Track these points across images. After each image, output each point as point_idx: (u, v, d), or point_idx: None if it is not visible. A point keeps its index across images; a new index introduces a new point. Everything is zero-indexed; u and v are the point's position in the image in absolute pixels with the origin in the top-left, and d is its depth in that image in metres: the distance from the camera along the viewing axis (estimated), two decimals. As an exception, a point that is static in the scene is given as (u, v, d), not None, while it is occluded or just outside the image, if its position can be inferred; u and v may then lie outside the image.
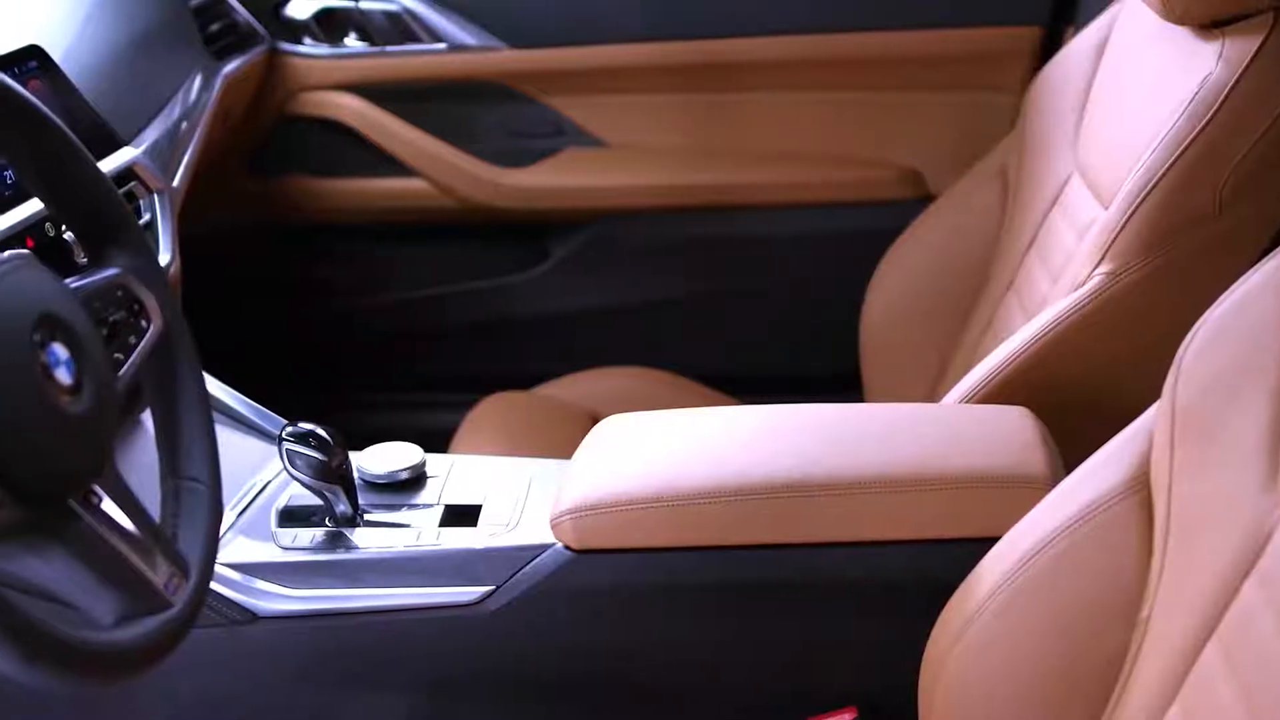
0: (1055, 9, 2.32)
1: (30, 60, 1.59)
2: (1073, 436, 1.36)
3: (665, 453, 1.43)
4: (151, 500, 1.08)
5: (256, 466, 1.60)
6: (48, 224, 1.44)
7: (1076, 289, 1.51)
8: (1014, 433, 1.41)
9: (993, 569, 1.17)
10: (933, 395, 1.98)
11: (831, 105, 2.46)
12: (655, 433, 1.47)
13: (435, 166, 2.49)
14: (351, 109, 2.49)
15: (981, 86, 2.39)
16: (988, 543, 1.21)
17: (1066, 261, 1.65)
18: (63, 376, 0.96)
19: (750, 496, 1.35)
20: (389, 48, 2.47)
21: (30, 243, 1.41)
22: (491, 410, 2.16)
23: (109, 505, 1.00)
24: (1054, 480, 1.29)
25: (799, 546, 1.37)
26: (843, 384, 2.22)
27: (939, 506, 1.35)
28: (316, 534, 1.46)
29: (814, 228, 2.48)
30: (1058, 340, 1.50)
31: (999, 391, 1.52)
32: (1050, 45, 2.29)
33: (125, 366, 1.08)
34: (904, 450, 1.39)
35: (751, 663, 1.44)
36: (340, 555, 1.44)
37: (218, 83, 2.21)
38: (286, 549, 1.45)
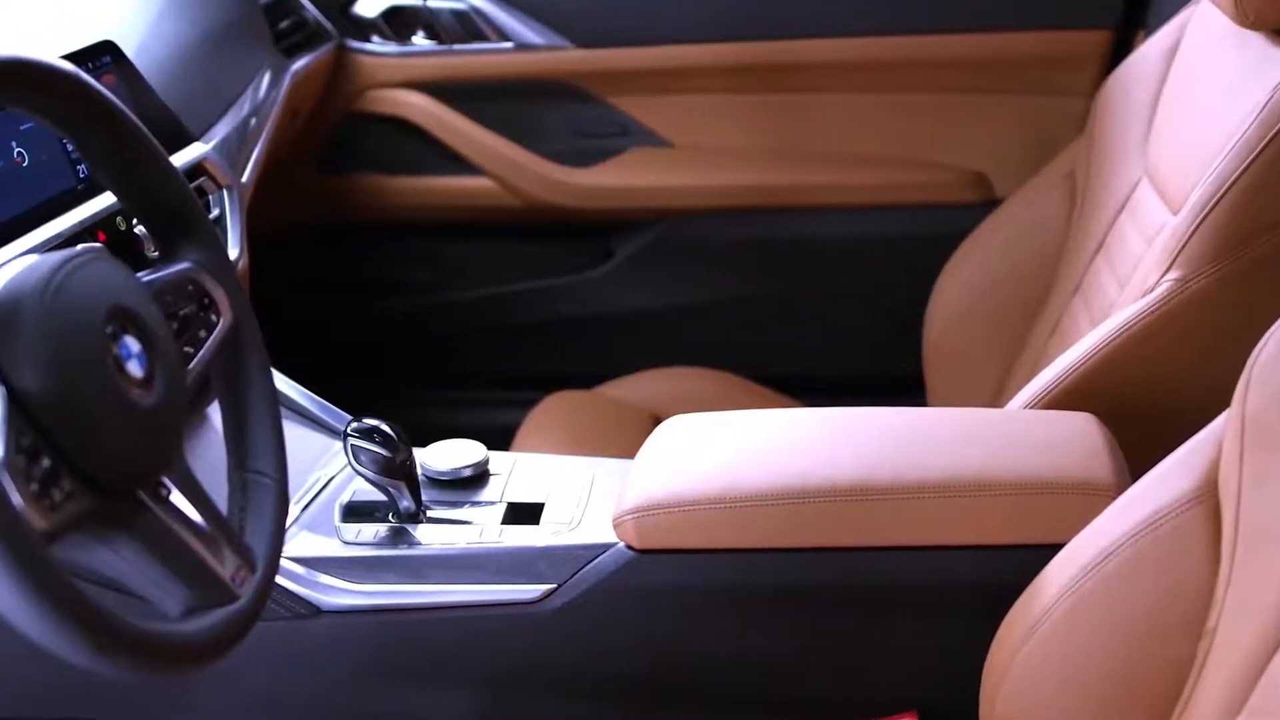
0: (1126, 12, 2.30)
1: (104, 56, 1.60)
2: (1139, 443, 1.35)
3: (728, 454, 1.42)
4: (217, 494, 1.09)
5: (321, 461, 1.61)
6: (119, 218, 1.46)
7: (1145, 295, 1.50)
8: (1080, 439, 1.40)
9: (1057, 576, 1.17)
10: (996, 400, 1.97)
11: (898, 107, 2.45)
12: (718, 434, 1.47)
13: (501, 165, 2.50)
14: (418, 107, 2.51)
15: (1050, 90, 2.38)
16: (1051, 549, 1.21)
17: (1134, 267, 1.64)
18: (134, 369, 0.97)
19: (813, 499, 1.35)
20: (456, 46, 2.48)
21: (102, 236, 1.42)
22: (553, 409, 2.16)
23: (177, 498, 1.01)
24: (1120, 487, 1.28)
25: (860, 550, 1.37)
26: (905, 387, 2.21)
27: (1003, 511, 1.34)
28: (380, 529, 1.47)
29: (878, 230, 2.47)
30: (1125, 346, 1.49)
31: (1065, 397, 1.51)
32: (1120, 49, 2.27)
33: (195, 360, 1.09)
34: (968, 454, 1.38)
35: (810, 665, 1.44)
36: (403, 551, 1.44)
37: (286, 80, 2.22)
38: (350, 544, 1.46)
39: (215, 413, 1.54)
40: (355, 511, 1.50)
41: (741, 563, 1.38)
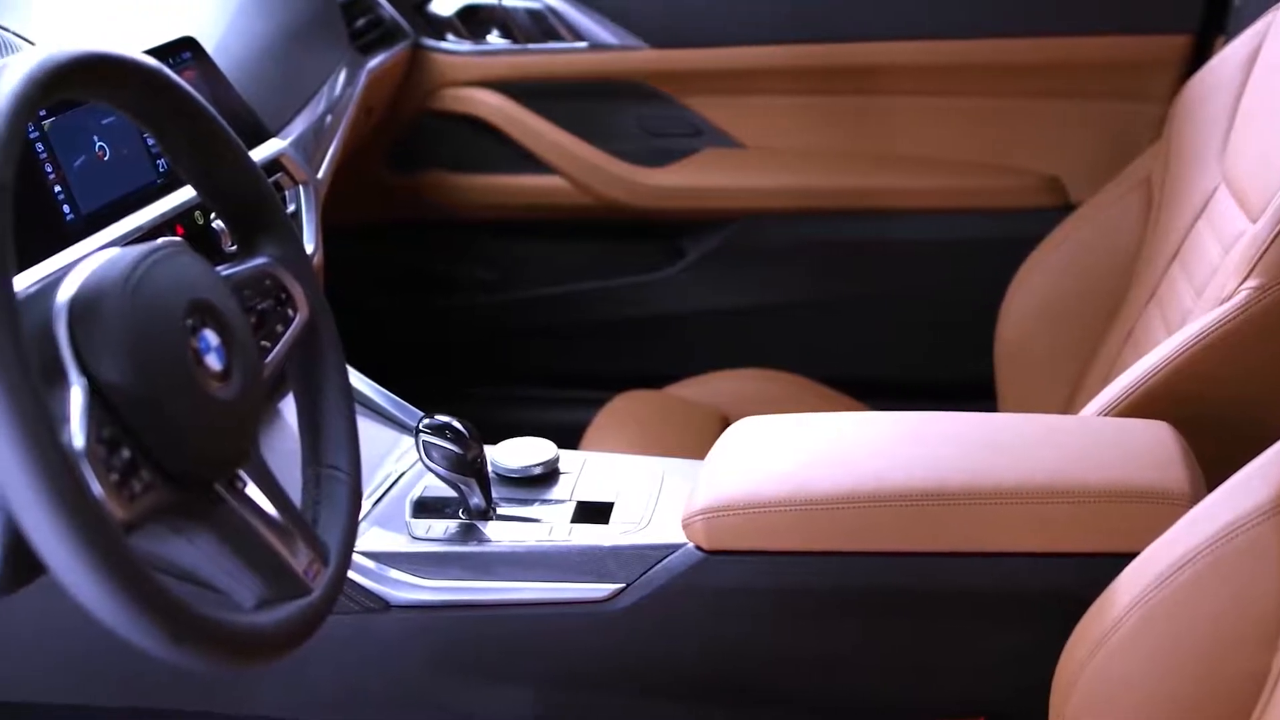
0: (1205, 18, 2.28)
1: (184, 51, 1.61)
2: (1214, 453, 1.33)
3: (799, 456, 1.42)
4: (290, 487, 1.10)
5: (392, 457, 1.62)
6: (197, 212, 1.47)
7: (1222, 303, 1.48)
8: (1154, 447, 1.39)
9: (1130, 585, 1.16)
10: (1069, 407, 1.96)
11: (972, 111, 2.44)
12: (789, 436, 1.47)
13: (573, 164, 2.51)
14: (492, 106, 2.52)
15: (1127, 94, 2.36)
16: (1124, 558, 1.20)
17: (1211, 274, 1.62)
18: (213, 363, 0.98)
19: (884, 503, 1.34)
20: (531, 45, 2.49)
21: (181, 230, 1.44)
22: (622, 408, 2.16)
23: (253, 491, 1.02)
24: (1195, 497, 1.26)
25: (931, 555, 1.36)
26: (975, 392, 2.20)
27: (1076, 519, 1.33)
28: (450, 526, 1.47)
29: (951, 233, 2.46)
30: (1201, 355, 1.47)
31: (1139, 405, 1.50)
32: (1199, 54, 2.25)
33: (271, 354, 1.09)
34: (1041, 461, 1.38)
35: (878, 670, 1.44)
36: (473, 548, 1.45)
37: (362, 77, 2.24)
38: (420, 539, 1.47)
39: (287, 407, 1.55)
40: (426, 507, 1.51)
41: (811, 565, 1.38)
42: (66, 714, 1.56)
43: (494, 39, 2.52)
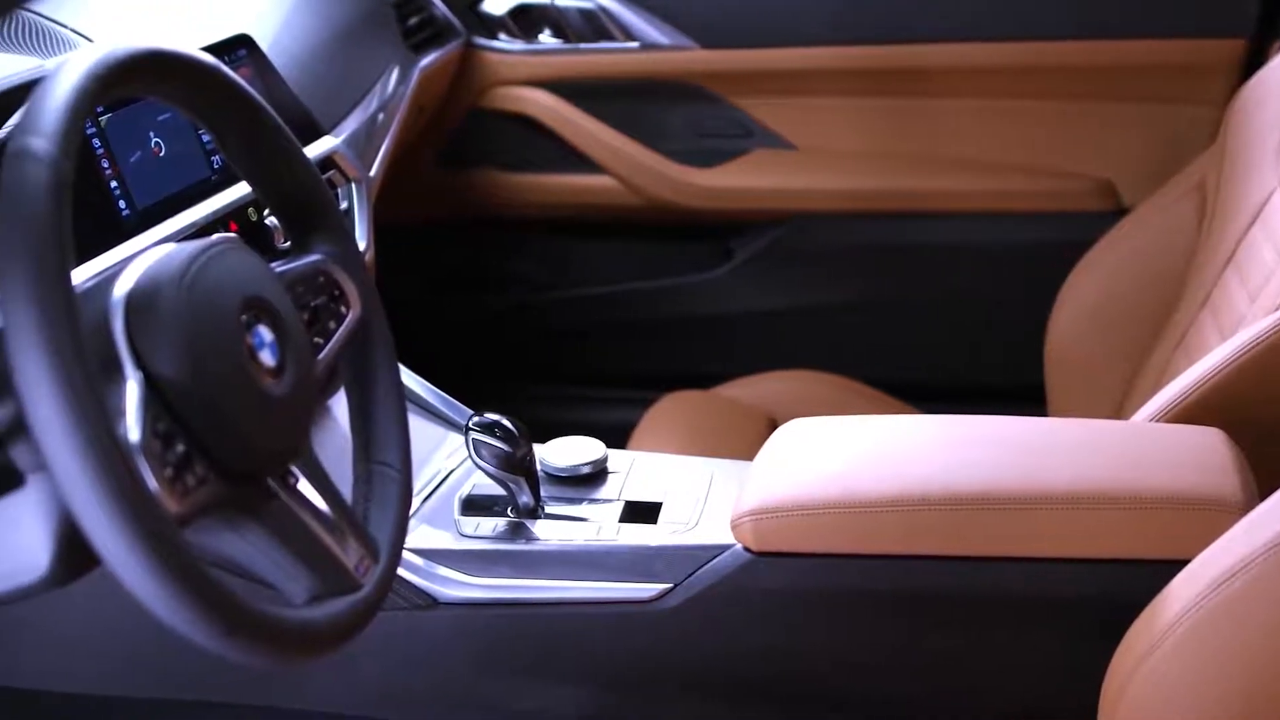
0: (1260, 22, 2.26)
1: (240, 49, 1.63)
2: (1268, 461, 1.33)
3: (848, 459, 1.42)
4: (339, 484, 1.10)
5: (440, 454, 1.62)
6: (251, 209, 1.48)
7: (1278, 309, 1.47)
8: (1207, 454, 1.38)
9: (1181, 593, 1.15)
10: (1119, 413, 1.95)
11: (1024, 113, 2.43)
12: (838, 438, 1.47)
13: (624, 164, 2.51)
14: (543, 105, 2.52)
15: (1180, 98, 2.34)
16: (1175, 565, 1.19)
17: (1266, 280, 1.61)
18: (266, 358, 0.98)
19: (933, 507, 1.33)
20: (583, 45, 2.49)
21: (234, 226, 1.45)
22: (670, 408, 2.16)
23: (305, 486, 1.03)
24: (1248, 505, 1.25)
25: (979, 560, 1.35)
26: (1024, 396, 2.18)
27: (1126, 526, 1.32)
28: (498, 523, 1.48)
29: (1001, 237, 2.45)
30: (1255, 361, 1.46)
31: (1191, 411, 1.49)
32: (1254, 58, 2.23)
33: (324, 351, 1.10)
34: (1091, 467, 1.37)
35: (924, 672, 1.43)
36: (521, 546, 1.45)
37: (414, 76, 2.24)
38: (468, 537, 1.47)
39: (336, 404, 1.56)
40: (474, 505, 1.52)
41: (859, 568, 1.37)
42: (116, 705, 1.57)
43: (546, 38, 2.52)
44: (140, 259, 0.97)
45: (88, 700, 1.58)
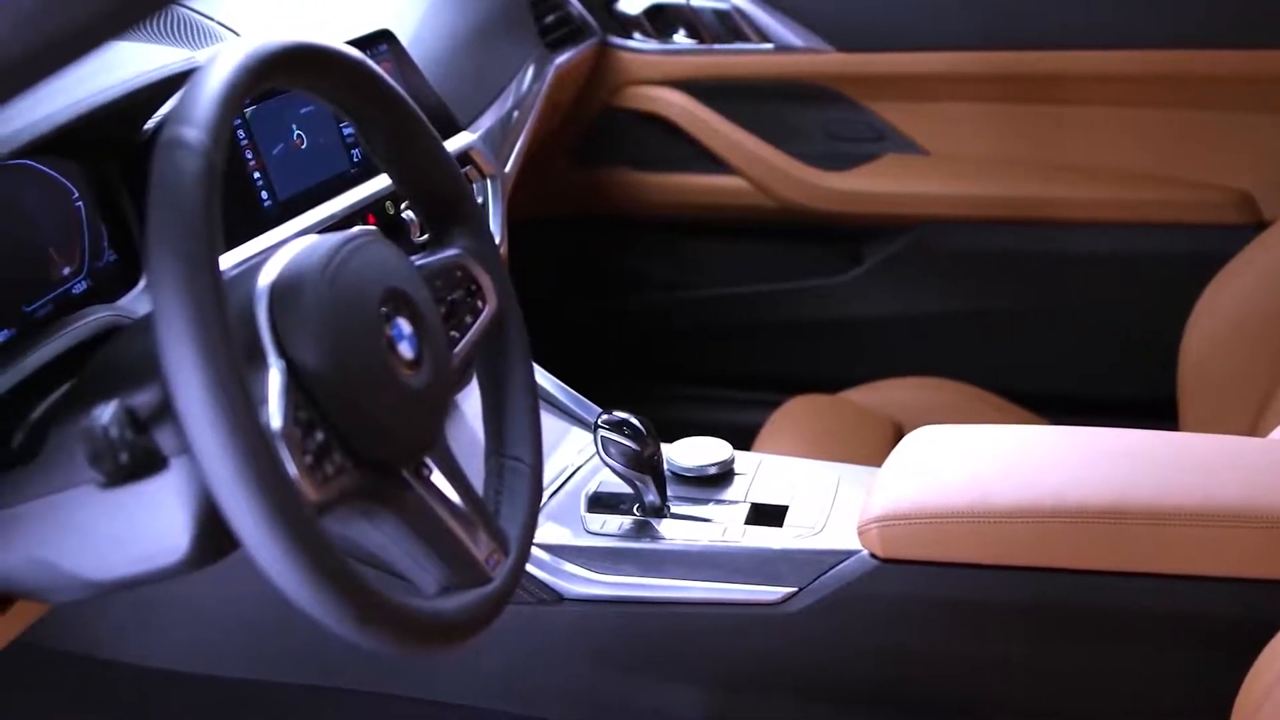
0: None
1: (381, 44, 1.64)
2: None
3: (978, 467, 1.40)
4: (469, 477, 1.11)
5: (568, 451, 1.63)
6: (388, 202, 1.49)
7: None
8: (1349, 473, 1.35)
9: (1319, 614, 1.13)
10: (1255, 429, 1.91)
11: (1161, 122, 2.39)
12: (968, 446, 1.45)
13: (755, 166, 2.51)
14: (676, 105, 2.52)
15: (1325, 110, 2.30)
16: (1313, 585, 1.17)
17: None
18: (405, 351, 0.99)
19: (1064, 519, 1.32)
20: (717, 46, 2.49)
21: (371, 219, 1.47)
22: (796, 412, 2.15)
23: (438, 478, 1.03)
24: (1390, 525, 1.23)
25: (1108, 574, 1.34)
26: (1156, 410, 2.15)
27: (1262, 544, 1.30)
28: (624, 521, 1.48)
29: (1136, 247, 2.42)
30: (1400, 381, 1.43)
31: (1332, 430, 1.46)
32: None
33: (460, 345, 1.11)
34: (1227, 483, 1.34)
35: (1047, 686, 1.42)
36: (646, 544, 1.46)
37: (549, 74, 2.26)
38: (594, 534, 1.48)
39: (463, 398, 1.58)
40: (600, 502, 1.52)
41: (986, 579, 1.36)
42: (244, 688, 1.59)
43: (680, 38, 2.53)
44: (284, 249, 0.98)
45: (213, 682, 1.61)
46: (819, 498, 1.51)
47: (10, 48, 0.74)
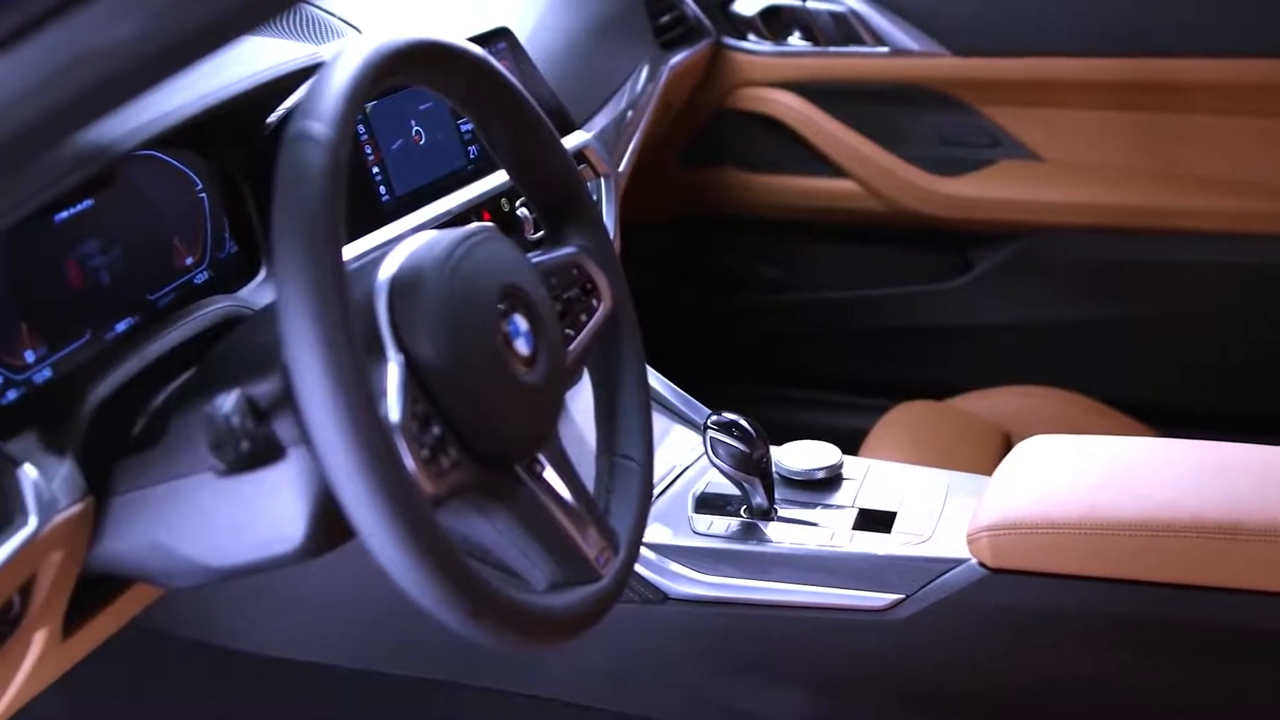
0: None
1: (500, 41, 1.65)
2: None
3: (1090, 479, 1.39)
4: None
5: (676, 451, 1.63)
6: (504, 199, 1.50)
7: None
8: None
9: None
10: (1377, 449, 1.88)
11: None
12: (1081, 457, 1.44)
13: (867, 169, 2.49)
14: (789, 107, 2.52)
15: None
16: None
17: None
18: (521, 347, 1.00)
19: (1177, 534, 1.30)
20: (831, 48, 2.48)
21: (487, 216, 1.48)
22: (904, 418, 2.14)
23: (550, 475, 1.04)
24: None
25: (1221, 590, 1.32)
26: (1272, 425, 2.12)
27: (1384, 565, 1.28)
28: (731, 523, 1.48)
29: (1252, 258, 2.38)
30: None
31: None
32: None
33: (575, 343, 1.11)
34: (1348, 503, 1.32)
35: (1154, 701, 1.40)
36: (752, 546, 1.45)
37: (663, 74, 2.26)
38: (701, 535, 1.48)
39: (571, 395, 1.58)
40: (708, 503, 1.52)
41: (1095, 591, 1.35)
42: (348, 677, 1.61)
43: (795, 40, 2.52)
44: (404, 244, 0.99)
45: (318, 669, 1.62)
46: (927, 505, 1.50)
47: (143, 45, 0.75)
